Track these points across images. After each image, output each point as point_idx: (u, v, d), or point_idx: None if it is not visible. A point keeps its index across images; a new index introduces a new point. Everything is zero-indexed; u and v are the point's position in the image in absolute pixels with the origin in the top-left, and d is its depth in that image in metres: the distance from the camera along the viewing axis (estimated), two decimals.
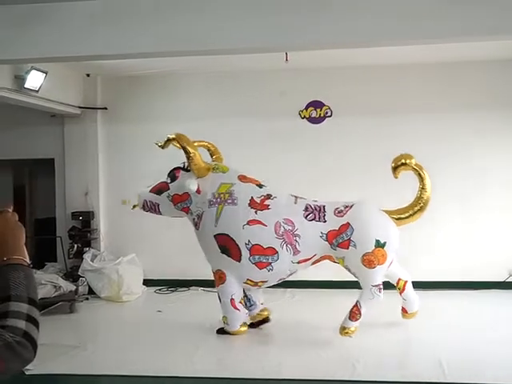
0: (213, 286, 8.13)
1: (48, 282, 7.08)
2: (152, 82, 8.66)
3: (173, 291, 8.34)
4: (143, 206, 6.23)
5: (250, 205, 5.75)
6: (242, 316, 5.95)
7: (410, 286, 6.08)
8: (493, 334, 5.83)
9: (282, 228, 5.68)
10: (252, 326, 6.17)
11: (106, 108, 8.80)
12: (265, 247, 5.65)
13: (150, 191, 6.15)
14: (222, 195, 5.78)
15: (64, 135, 8.85)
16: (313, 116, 8.38)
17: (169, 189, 6.03)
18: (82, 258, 8.21)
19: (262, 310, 6.21)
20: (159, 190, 6.09)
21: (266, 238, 5.66)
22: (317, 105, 8.37)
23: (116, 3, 5.21)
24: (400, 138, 8.00)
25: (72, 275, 8.14)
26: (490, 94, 7.96)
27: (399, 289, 6.06)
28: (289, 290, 7.67)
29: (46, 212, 9.45)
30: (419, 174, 5.74)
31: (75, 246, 8.46)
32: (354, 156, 8.12)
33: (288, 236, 5.68)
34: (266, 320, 6.21)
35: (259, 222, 5.68)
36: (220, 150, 6.49)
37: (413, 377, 4.72)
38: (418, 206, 5.75)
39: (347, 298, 5.87)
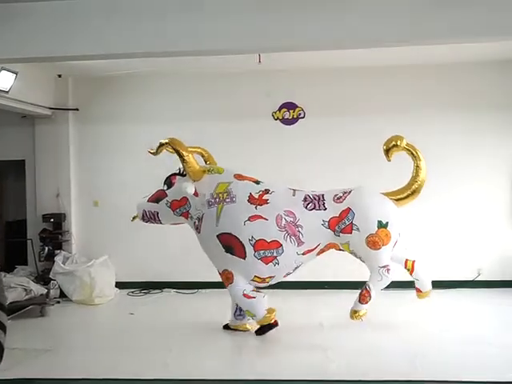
0: (185, 288, 8.26)
1: (18, 285, 6.98)
2: (124, 83, 8.61)
3: (146, 293, 8.29)
4: (143, 216, 6.22)
5: (249, 201, 5.78)
6: (261, 301, 5.84)
7: (418, 265, 6.15)
8: (462, 332, 5.94)
9: (283, 220, 5.71)
10: (227, 327, 6.20)
11: (77, 109, 8.71)
12: (269, 241, 5.67)
13: (148, 201, 6.15)
14: (220, 195, 5.80)
15: (35, 136, 8.74)
16: (286, 117, 8.43)
17: (166, 196, 6.03)
18: (54, 261, 8.11)
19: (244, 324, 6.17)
20: (157, 198, 6.09)
21: (269, 232, 5.68)
22: (290, 106, 8.43)
23: (86, 3, 5.17)
24: (372, 138, 8.06)
25: (43, 278, 8.04)
26: (465, 94, 8.12)
27: (408, 270, 6.14)
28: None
29: (17, 214, 9.32)
30: (412, 154, 5.87)
31: (46, 248, 8.34)
32: (327, 156, 8.20)
33: (290, 227, 5.72)
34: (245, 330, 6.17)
35: (260, 217, 5.70)
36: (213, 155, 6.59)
37: (387, 375, 4.78)
38: (416, 184, 5.88)
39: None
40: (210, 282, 8.30)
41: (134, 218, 6.40)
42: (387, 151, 5.79)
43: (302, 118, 8.41)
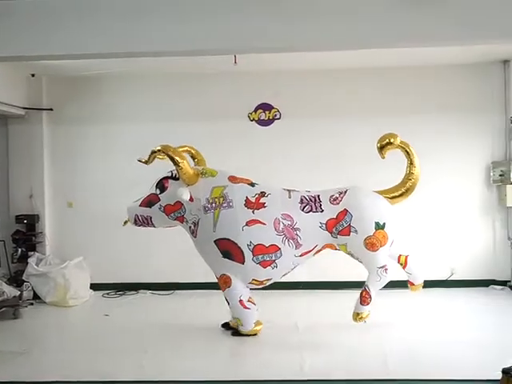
0: (161, 289, 8.22)
1: None
2: (99, 83, 8.54)
3: (121, 295, 8.23)
4: (135, 220, 6.10)
5: (245, 205, 5.74)
6: (254, 314, 5.91)
7: (411, 259, 6.24)
8: (434, 331, 6.03)
9: (281, 224, 5.72)
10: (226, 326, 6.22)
11: (51, 109, 8.61)
12: (267, 246, 5.67)
13: (140, 205, 6.02)
14: (216, 199, 5.74)
15: (8, 136, 8.61)
16: (262, 118, 8.46)
17: (159, 200, 5.93)
18: (27, 263, 8.00)
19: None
20: (149, 202, 5.98)
21: (267, 237, 5.67)
22: (266, 107, 8.46)
23: (58, 2, 5.12)
24: (346, 139, 8.24)
25: (16, 280, 7.95)
26: (432, 97, 8.25)
27: (401, 264, 6.19)
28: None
29: None
30: (406, 151, 5.92)
31: (19, 250, 8.24)
32: (302, 156, 8.24)
33: (288, 231, 5.73)
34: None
35: (258, 222, 5.68)
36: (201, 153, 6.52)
37: (358, 375, 4.83)
38: (410, 182, 5.93)
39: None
40: (187, 283, 8.34)
41: (125, 222, 6.23)
42: (381, 149, 5.82)
43: (278, 119, 8.44)
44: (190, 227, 5.90)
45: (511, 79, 8.15)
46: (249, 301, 5.88)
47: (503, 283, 8.18)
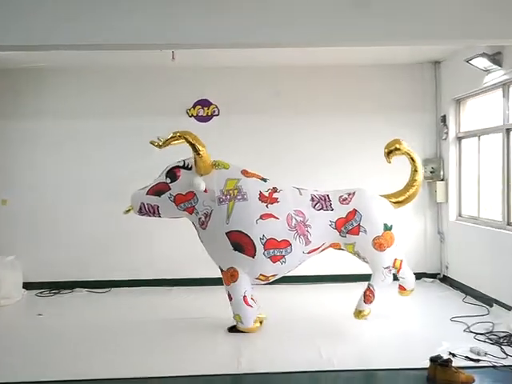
0: (98, 287, 8.08)
1: None
2: (27, 76, 8.28)
3: (55, 294, 8.04)
4: (140, 209, 5.88)
5: (259, 199, 5.73)
6: (255, 312, 5.88)
7: (405, 264, 6.29)
8: (366, 322, 6.13)
9: (294, 220, 5.75)
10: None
11: None
12: (279, 240, 5.68)
13: (148, 193, 5.83)
14: (230, 191, 5.70)
15: None
16: (200, 115, 8.45)
17: (170, 189, 5.78)
18: None
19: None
20: (159, 191, 5.80)
21: (280, 231, 5.69)
22: (204, 103, 8.45)
23: None
24: (281, 135, 8.36)
25: None
26: (366, 96, 8.46)
27: (396, 268, 6.20)
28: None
29: None
30: (411, 158, 6.18)
31: None
32: (241, 153, 8.23)
33: (300, 227, 5.77)
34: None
35: (272, 216, 5.69)
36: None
37: (293, 367, 4.92)
38: (413, 188, 6.19)
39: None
40: (124, 281, 8.24)
41: (127, 210, 5.97)
42: (388, 154, 6.07)
43: (217, 115, 8.45)
44: (200, 218, 5.78)
45: (442, 79, 8.48)
46: (251, 298, 5.89)
47: (434, 276, 8.51)
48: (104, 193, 8.25)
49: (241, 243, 5.66)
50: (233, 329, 5.97)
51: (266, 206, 5.74)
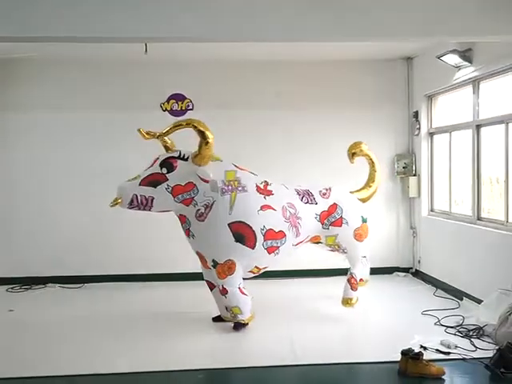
0: (71, 283, 8.00)
1: None
2: (7, 67, 8.15)
3: (27, 289, 7.94)
4: (131, 201, 5.48)
5: (257, 191, 5.79)
6: (250, 301, 5.87)
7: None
8: (339, 316, 6.24)
9: (288, 212, 5.87)
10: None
11: None
12: (276, 231, 5.76)
13: (141, 184, 5.49)
14: (232, 182, 5.68)
15: None
16: (174, 109, 8.40)
17: (167, 180, 5.51)
18: None
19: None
20: (154, 182, 5.49)
21: (277, 222, 5.78)
22: (178, 97, 8.41)
23: None
24: (258, 132, 8.38)
25: None
26: (339, 92, 8.51)
27: None
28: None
29: None
30: (370, 159, 6.61)
31: None
32: (216, 148, 8.25)
33: (293, 219, 5.89)
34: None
35: (270, 207, 5.76)
36: None
37: (268, 361, 4.95)
38: (372, 188, 6.66)
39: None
40: (97, 276, 8.17)
41: (115, 202, 5.49)
42: (352, 155, 6.48)
43: (191, 109, 8.41)
44: (199, 210, 5.62)
45: (414, 76, 8.57)
46: (244, 287, 5.89)
47: (406, 270, 8.62)
48: (78, 187, 8.19)
49: (243, 234, 5.63)
50: (237, 326, 5.86)
51: (264, 197, 5.80)
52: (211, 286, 6.05)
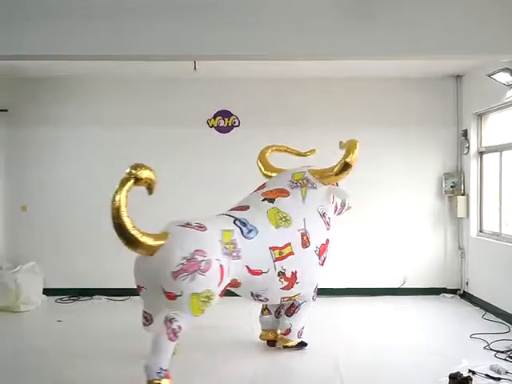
0: (117, 295, 8.12)
1: None
2: (58, 85, 8.43)
3: (75, 300, 8.11)
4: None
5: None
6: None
7: None
8: (385, 338, 6.17)
9: None
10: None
11: (6, 110, 8.44)
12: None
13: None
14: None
15: None
16: (221, 125, 8.50)
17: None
18: None
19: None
20: None
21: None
22: (225, 114, 8.50)
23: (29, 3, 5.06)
24: (303, 147, 8.32)
25: None
26: (387, 110, 8.47)
27: None
28: None
29: None
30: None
31: None
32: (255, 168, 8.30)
33: None
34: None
35: None
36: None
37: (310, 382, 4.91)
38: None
39: None
40: None
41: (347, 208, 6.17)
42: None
43: (237, 126, 8.49)
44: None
45: (463, 94, 8.43)
46: None
47: (453, 291, 8.42)
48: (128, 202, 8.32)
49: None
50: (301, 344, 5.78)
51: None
52: None
